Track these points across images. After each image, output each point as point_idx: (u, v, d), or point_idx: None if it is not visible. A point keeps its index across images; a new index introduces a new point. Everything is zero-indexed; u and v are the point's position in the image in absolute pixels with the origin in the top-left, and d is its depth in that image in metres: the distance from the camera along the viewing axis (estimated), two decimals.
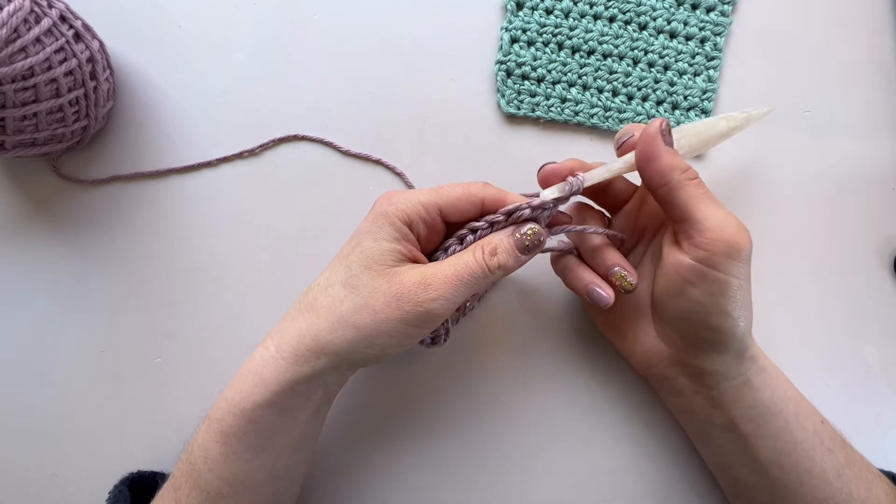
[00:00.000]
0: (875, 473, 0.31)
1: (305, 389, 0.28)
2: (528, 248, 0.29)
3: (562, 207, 0.31)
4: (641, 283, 0.33)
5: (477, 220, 0.30)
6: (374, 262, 0.28)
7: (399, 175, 0.39)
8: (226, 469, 0.28)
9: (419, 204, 0.29)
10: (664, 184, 0.28)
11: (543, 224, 0.30)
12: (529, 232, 0.29)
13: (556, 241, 0.34)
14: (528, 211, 0.29)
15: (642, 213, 0.33)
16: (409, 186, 0.39)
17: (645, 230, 0.33)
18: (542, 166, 0.31)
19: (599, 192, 0.33)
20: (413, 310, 0.27)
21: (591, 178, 0.30)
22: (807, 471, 0.30)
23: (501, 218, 0.29)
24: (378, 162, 0.39)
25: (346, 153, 0.39)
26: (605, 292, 0.31)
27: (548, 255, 0.35)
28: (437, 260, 0.31)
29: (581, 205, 0.34)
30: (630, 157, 0.30)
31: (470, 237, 0.30)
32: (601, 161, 0.32)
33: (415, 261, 0.29)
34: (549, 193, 0.29)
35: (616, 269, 0.31)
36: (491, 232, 0.30)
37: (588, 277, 0.31)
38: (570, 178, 0.29)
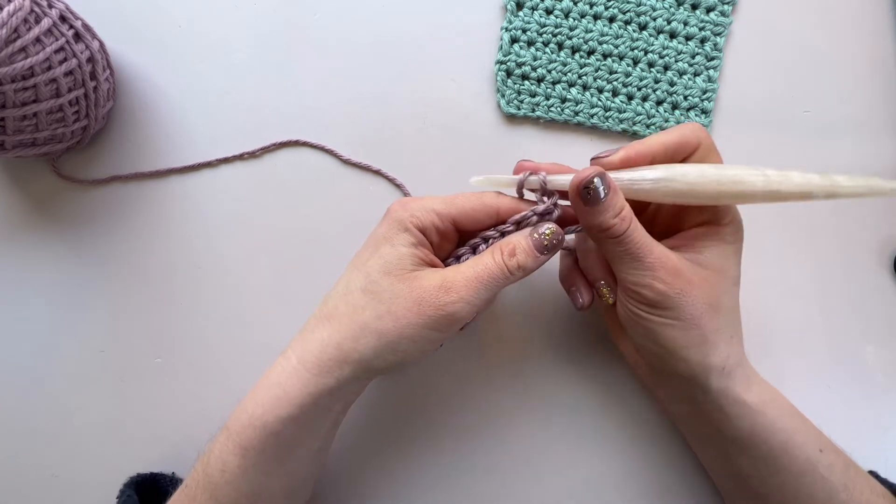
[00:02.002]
0: (878, 494, 0.30)
1: (328, 401, 0.28)
2: (548, 248, 0.29)
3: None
4: None
5: (489, 230, 0.30)
6: (394, 268, 0.28)
7: (398, 186, 0.39)
8: (244, 482, 0.28)
9: (433, 213, 0.29)
10: (590, 237, 0.29)
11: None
12: (548, 232, 0.28)
13: (569, 239, 0.34)
14: (535, 218, 0.30)
15: (654, 223, 0.32)
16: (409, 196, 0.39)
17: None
18: (519, 161, 0.31)
19: None
20: (435, 313, 0.27)
21: (555, 181, 0.29)
22: (792, 493, 0.30)
23: (511, 228, 0.30)
24: (378, 172, 0.39)
25: (347, 161, 0.39)
26: (581, 298, 0.32)
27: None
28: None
29: None
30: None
31: (482, 246, 0.30)
32: None
33: (432, 265, 0.29)
34: (476, 180, 0.30)
35: (601, 282, 0.31)
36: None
37: (573, 279, 0.33)
38: (531, 175, 0.30)
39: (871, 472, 0.33)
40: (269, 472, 0.28)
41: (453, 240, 0.31)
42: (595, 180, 0.26)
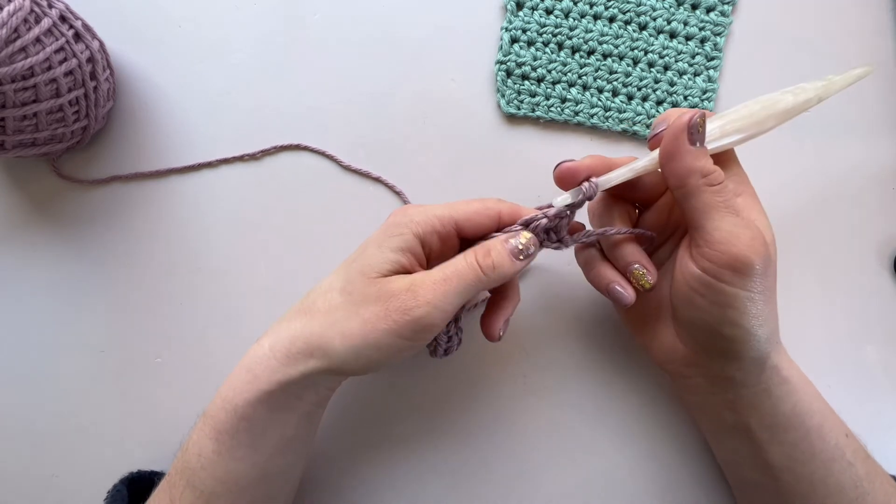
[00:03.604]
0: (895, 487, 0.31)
1: (296, 390, 0.28)
2: (523, 254, 0.28)
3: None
4: (665, 281, 0.31)
5: (493, 234, 0.29)
6: (371, 270, 0.28)
7: (398, 194, 0.39)
8: (219, 467, 0.28)
9: (434, 217, 0.28)
10: (680, 186, 0.27)
11: (564, 232, 0.30)
12: (522, 238, 0.28)
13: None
14: (544, 221, 0.29)
15: (675, 209, 0.32)
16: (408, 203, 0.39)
17: (677, 227, 0.32)
18: (559, 164, 0.29)
19: (630, 186, 0.31)
20: (400, 318, 0.26)
21: (610, 180, 0.29)
22: (821, 480, 0.29)
23: (519, 229, 0.29)
24: (378, 179, 0.39)
25: (347, 168, 0.39)
26: (627, 291, 0.30)
27: (558, 252, 0.34)
28: None
29: (608, 197, 0.32)
30: (655, 154, 0.28)
31: None
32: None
33: (413, 273, 0.29)
34: (562, 201, 0.29)
35: (635, 266, 0.30)
36: None
37: (609, 275, 0.31)
38: (583, 185, 0.29)
39: None
40: (243, 457, 0.28)
41: (455, 247, 0.30)
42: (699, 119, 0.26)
